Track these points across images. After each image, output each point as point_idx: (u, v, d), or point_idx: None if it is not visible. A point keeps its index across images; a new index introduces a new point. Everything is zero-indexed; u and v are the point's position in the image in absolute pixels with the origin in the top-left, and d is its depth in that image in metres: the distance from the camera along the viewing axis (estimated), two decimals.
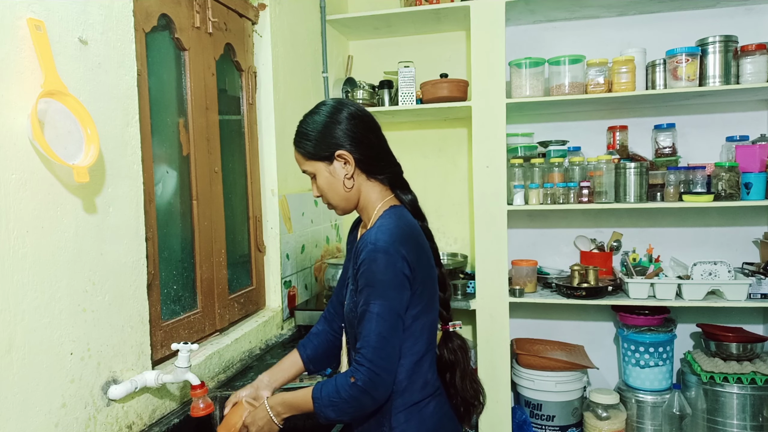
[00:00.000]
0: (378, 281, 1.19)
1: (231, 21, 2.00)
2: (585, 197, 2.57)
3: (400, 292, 1.21)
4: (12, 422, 1.06)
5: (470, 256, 3.03)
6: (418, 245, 1.28)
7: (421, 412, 1.30)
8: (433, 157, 3.13)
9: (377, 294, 1.19)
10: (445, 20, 2.86)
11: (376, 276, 1.20)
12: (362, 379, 1.16)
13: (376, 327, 1.18)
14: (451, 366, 1.39)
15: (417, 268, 1.24)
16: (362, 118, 1.33)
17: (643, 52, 2.59)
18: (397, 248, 1.21)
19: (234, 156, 2.07)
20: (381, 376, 1.17)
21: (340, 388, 1.19)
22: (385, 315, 1.18)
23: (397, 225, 1.26)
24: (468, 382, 1.39)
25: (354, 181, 1.33)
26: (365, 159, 1.32)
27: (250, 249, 2.16)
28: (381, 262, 1.19)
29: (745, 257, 2.78)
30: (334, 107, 1.33)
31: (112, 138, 1.33)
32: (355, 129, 1.30)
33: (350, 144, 1.30)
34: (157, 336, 1.55)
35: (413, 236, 1.28)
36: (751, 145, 2.51)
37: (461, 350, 1.40)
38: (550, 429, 2.74)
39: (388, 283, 1.19)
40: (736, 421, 2.46)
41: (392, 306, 1.19)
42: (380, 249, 1.20)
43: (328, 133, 1.30)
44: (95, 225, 1.27)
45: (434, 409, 1.32)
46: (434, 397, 1.33)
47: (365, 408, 1.20)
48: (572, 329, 3.02)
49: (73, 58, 1.21)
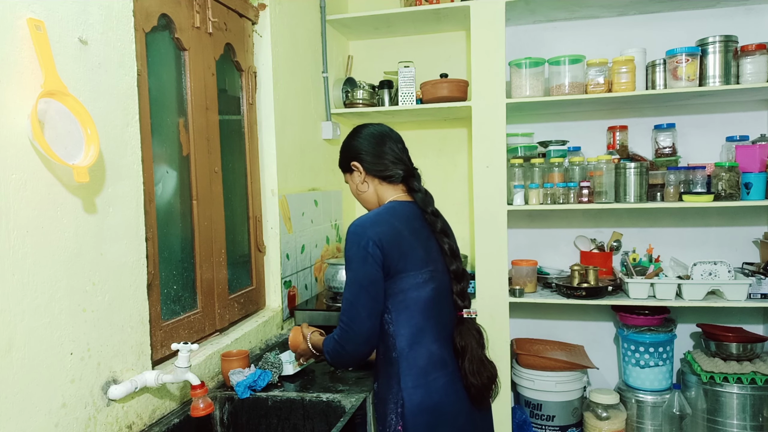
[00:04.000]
0: (348, 258, 1.47)
1: (231, 21, 2.00)
2: (585, 197, 2.57)
3: (362, 265, 1.44)
4: (12, 422, 1.06)
5: (470, 256, 3.03)
6: (391, 227, 1.48)
7: (429, 385, 1.46)
8: (433, 157, 3.14)
9: (348, 268, 1.47)
10: (445, 20, 2.86)
11: (347, 253, 1.47)
12: (337, 333, 1.48)
13: (346, 294, 1.46)
14: (462, 350, 1.51)
15: (391, 249, 1.45)
16: (373, 135, 1.62)
17: (643, 52, 2.59)
18: (364, 230, 1.45)
19: (234, 156, 2.07)
20: (348, 333, 1.45)
21: (327, 341, 1.52)
22: (350, 284, 1.45)
23: (377, 213, 1.52)
24: (476, 366, 1.49)
25: (368, 185, 1.62)
26: (372, 167, 1.60)
27: (250, 249, 2.16)
28: (349, 241, 1.47)
29: (745, 257, 2.78)
30: (354, 129, 1.66)
31: (112, 138, 1.33)
32: (364, 143, 1.61)
33: (360, 156, 1.61)
34: (157, 336, 1.55)
35: (389, 221, 1.49)
36: (751, 145, 2.51)
37: (473, 338, 1.52)
38: (550, 429, 2.75)
39: (352, 258, 1.45)
40: (736, 421, 2.47)
41: (356, 277, 1.44)
42: (350, 232, 1.48)
43: (346, 150, 1.66)
44: (95, 225, 1.27)
45: (443, 385, 1.47)
46: (445, 375, 1.48)
47: (344, 358, 1.49)
48: (572, 329, 3.02)
49: (73, 58, 1.21)
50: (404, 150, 1.66)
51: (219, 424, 1.65)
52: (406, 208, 1.57)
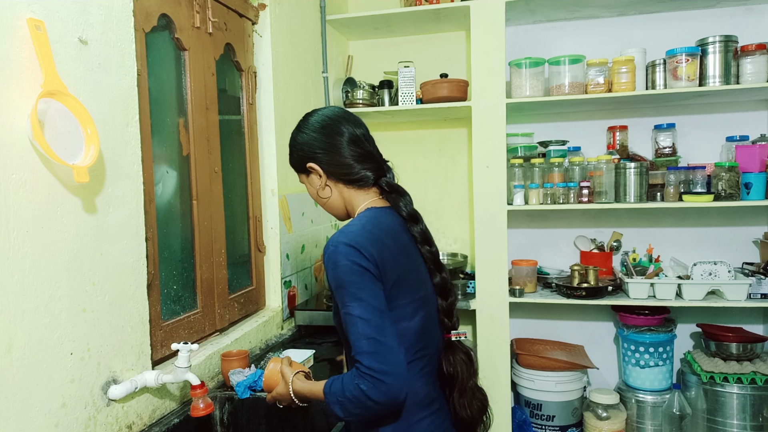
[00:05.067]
0: (345, 282, 1.14)
1: (231, 21, 2.00)
2: (585, 197, 2.57)
3: (370, 288, 1.14)
4: (12, 422, 1.06)
5: (470, 256, 3.03)
6: (384, 247, 1.20)
7: (411, 428, 1.22)
8: (433, 157, 3.14)
9: (351, 295, 1.13)
10: (445, 20, 2.86)
11: (342, 278, 1.14)
12: (366, 386, 1.09)
13: (362, 330, 1.11)
14: (450, 380, 1.30)
15: (386, 269, 1.18)
16: (329, 126, 1.29)
17: (643, 52, 2.59)
18: (356, 247, 1.15)
19: (234, 156, 2.07)
20: (386, 382, 1.08)
21: (345, 387, 1.13)
22: (366, 315, 1.11)
23: (362, 226, 1.21)
24: (468, 399, 1.29)
25: (331, 190, 1.31)
26: (334, 168, 1.29)
27: (250, 249, 2.16)
28: (342, 262, 1.14)
29: (745, 257, 2.78)
30: (306, 118, 1.33)
31: (112, 138, 1.33)
32: (320, 138, 1.29)
33: (317, 155, 1.29)
34: (157, 336, 1.55)
35: (380, 237, 1.21)
36: (751, 145, 2.51)
37: (463, 363, 1.31)
38: (550, 429, 2.75)
39: (356, 283, 1.13)
40: (736, 421, 2.46)
41: (370, 303, 1.12)
42: (340, 250, 1.15)
43: (298, 146, 1.32)
44: (95, 225, 1.27)
45: (427, 427, 1.24)
46: (430, 414, 1.26)
47: (371, 411, 1.12)
48: (572, 329, 3.02)
49: (73, 58, 1.21)
50: (368, 138, 1.33)
51: (219, 424, 1.65)
52: (389, 217, 1.29)
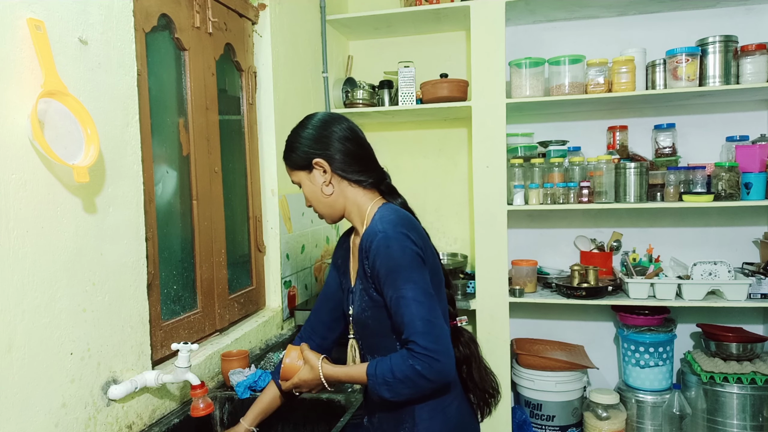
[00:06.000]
0: (400, 266, 1.19)
1: (231, 21, 2.00)
2: (585, 197, 2.57)
3: (422, 272, 1.21)
4: (12, 422, 1.06)
5: (470, 256, 3.03)
6: (422, 235, 1.30)
7: (445, 411, 1.30)
8: (433, 157, 3.14)
9: (405, 278, 1.18)
10: (445, 20, 2.86)
11: (397, 261, 1.19)
12: (421, 365, 1.13)
13: (417, 311, 1.16)
14: (466, 360, 1.38)
15: (426, 255, 1.25)
16: (339, 127, 1.36)
17: (643, 52, 2.59)
18: (405, 232, 1.22)
19: (234, 156, 2.07)
20: (440, 361, 1.14)
21: (395, 368, 1.16)
22: (419, 297, 1.17)
23: (398, 215, 1.29)
24: (484, 372, 1.40)
25: (334, 188, 1.35)
26: (342, 165, 1.34)
27: (250, 249, 2.16)
28: (395, 246, 1.20)
29: (745, 257, 2.78)
30: (311, 117, 1.39)
31: (112, 138, 1.33)
32: (330, 137, 1.34)
33: (326, 151, 1.33)
34: (157, 336, 1.55)
35: (416, 225, 1.31)
36: (751, 145, 2.51)
37: (472, 342, 1.40)
38: (550, 429, 2.75)
39: (409, 266, 1.19)
40: (736, 421, 2.47)
41: (422, 286, 1.19)
42: (390, 236, 1.21)
43: (305, 143, 1.35)
44: (95, 225, 1.27)
45: (457, 408, 1.33)
46: (456, 396, 1.34)
47: (422, 390, 1.17)
48: (572, 329, 3.02)
49: (73, 58, 1.21)
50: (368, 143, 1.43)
51: (219, 424, 1.65)
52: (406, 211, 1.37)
